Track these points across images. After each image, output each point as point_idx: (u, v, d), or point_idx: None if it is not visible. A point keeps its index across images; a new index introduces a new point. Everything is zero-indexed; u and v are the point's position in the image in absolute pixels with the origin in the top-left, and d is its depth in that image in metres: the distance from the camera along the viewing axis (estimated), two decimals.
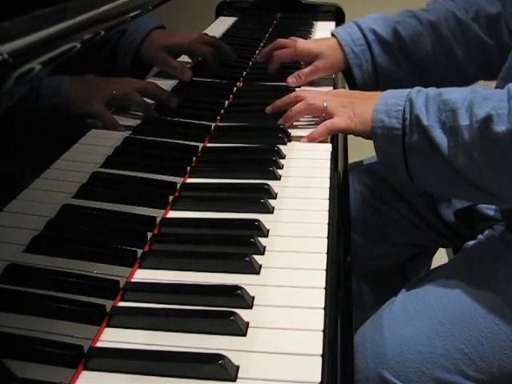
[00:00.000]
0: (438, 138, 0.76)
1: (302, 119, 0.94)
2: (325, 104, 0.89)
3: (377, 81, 1.11)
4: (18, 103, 0.50)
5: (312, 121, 0.94)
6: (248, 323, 0.53)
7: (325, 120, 0.88)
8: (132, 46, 0.83)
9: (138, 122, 0.83)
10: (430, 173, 0.80)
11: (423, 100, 0.79)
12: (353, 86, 1.13)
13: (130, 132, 0.80)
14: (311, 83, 1.12)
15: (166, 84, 0.96)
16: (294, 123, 0.93)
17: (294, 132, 0.91)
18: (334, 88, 1.12)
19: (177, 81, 0.99)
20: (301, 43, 1.12)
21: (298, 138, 0.90)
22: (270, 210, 0.71)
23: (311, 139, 0.88)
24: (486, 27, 1.06)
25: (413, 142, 0.78)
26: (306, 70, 1.10)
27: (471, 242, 0.92)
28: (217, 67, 1.10)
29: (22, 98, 0.51)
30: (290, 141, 0.89)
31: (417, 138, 0.78)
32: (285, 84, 1.11)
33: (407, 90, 0.82)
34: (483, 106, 0.73)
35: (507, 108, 0.71)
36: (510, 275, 0.82)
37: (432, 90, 0.81)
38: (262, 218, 0.68)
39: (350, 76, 1.12)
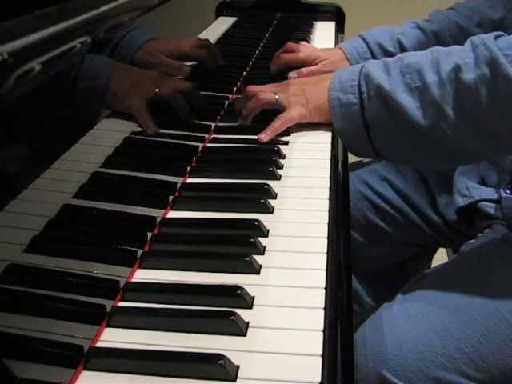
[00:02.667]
0: (403, 99, 0.74)
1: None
2: (276, 96, 0.87)
3: None
4: (18, 103, 0.50)
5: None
6: (248, 323, 0.53)
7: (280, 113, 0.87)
8: (126, 59, 0.82)
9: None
10: (396, 144, 0.79)
11: (381, 67, 0.78)
12: None
13: (130, 132, 0.80)
14: None
15: None
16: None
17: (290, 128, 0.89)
18: None
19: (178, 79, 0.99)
20: (308, 50, 1.13)
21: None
22: (269, 210, 0.71)
23: (267, 136, 0.86)
24: (490, 32, 1.06)
25: (373, 115, 0.77)
26: (313, 68, 1.11)
27: (471, 241, 0.92)
28: (215, 68, 1.09)
29: (23, 98, 0.51)
30: (282, 158, 0.84)
31: (376, 108, 0.77)
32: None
33: (360, 64, 0.82)
34: (449, 59, 0.73)
35: (473, 57, 0.71)
36: (510, 274, 0.82)
37: (388, 58, 0.80)
38: (262, 218, 0.68)
39: None
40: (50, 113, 0.58)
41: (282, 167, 0.81)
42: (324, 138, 0.89)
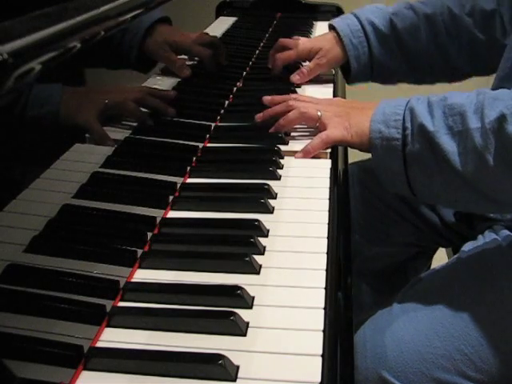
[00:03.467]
0: (445, 143, 0.72)
1: (294, 133, 0.91)
2: (319, 113, 0.85)
3: (371, 72, 1.12)
4: (18, 103, 0.50)
5: (306, 132, 0.91)
6: (248, 323, 0.53)
7: (319, 131, 0.85)
8: (136, 38, 0.81)
9: (128, 133, 0.78)
10: (433, 185, 0.76)
11: (425, 106, 0.76)
12: (347, 76, 1.14)
13: (130, 132, 0.80)
14: (312, 81, 1.12)
15: (168, 82, 0.96)
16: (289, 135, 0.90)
17: (286, 147, 0.87)
18: (334, 85, 1.12)
19: (178, 80, 0.99)
20: (301, 44, 1.13)
21: (292, 153, 0.85)
22: (270, 210, 0.71)
23: (306, 153, 0.84)
24: (480, 23, 1.06)
25: (415, 153, 0.75)
26: (310, 65, 1.11)
27: (471, 242, 0.92)
28: (214, 69, 1.09)
29: (20, 99, 0.51)
30: (282, 158, 0.84)
31: (419, 148, 0.74)
32: (284, 83, 1.12)
33: (405, 99, 0.79)
34: (494, 106, 0.70)
35: None
36: (510, 275, 0.82)
37: (434, 96, 0.77)
38: (262, 218, 0.68)
39: (345, 67, 1.13)
40: (39, 121, 0.58)
41: (282, 167, 0.81)
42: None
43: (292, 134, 0.91)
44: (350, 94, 1.14)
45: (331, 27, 1.13)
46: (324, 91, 1.10)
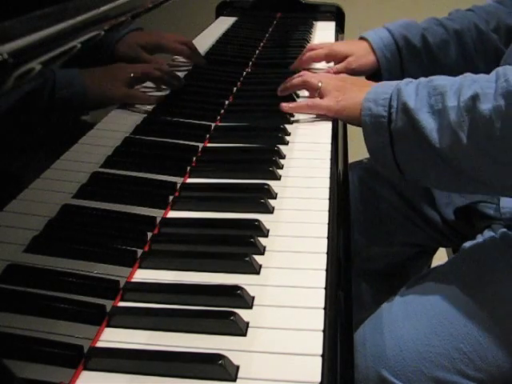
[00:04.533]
0: (424, 120, 0.75)
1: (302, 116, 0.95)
2: (320, 84, 0.91)
3: None
4: (18, 103, 0.50)
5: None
6: (248, 323, 0.53)
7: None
8: (109, 49, 0.81)
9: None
10: (415, 160, 0.79)
11: (413, 87, 0.79)
12: None
13: (130, 132, 0.80)
14: None
15: None
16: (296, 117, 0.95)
17: (286, 146, 0.88)
18: None
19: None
20: (334, 45, 1.14)
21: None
22: (270, 210, 0.71)
23: (289, 108, 0.92)
24: (505, 38, 1.09)
25: (399, 128, 0.78)
26: (338, 66, 1.11)
27: (470, 242, 0.92)
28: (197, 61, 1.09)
29: (22, 97, 0.51)
30: (282, 158, 0.84)
31: (402, 124, 0.78)
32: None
33: (396, 82, 0.83)
34: (471, 87, 0.73)
35: (494, 88, 0.71)
36: (509, 274, 0.82)
37: (423, 78, 0.81)
38: (262, 218, 0.68)
39: (375, 79, 1.13)
40: (50, 113, 0.58)
41: (282, 167, 0.81)
42: (324, 138, 0.89)
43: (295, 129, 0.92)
44: None
45: (362, 39, 1.13)
46: None
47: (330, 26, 1.56)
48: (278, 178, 0.78)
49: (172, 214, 0.71)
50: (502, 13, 1.11)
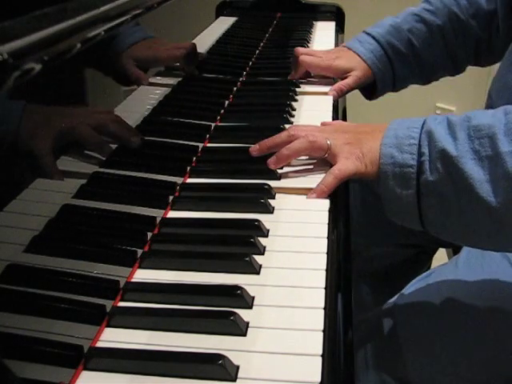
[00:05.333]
0: (471, 170, 0.63)
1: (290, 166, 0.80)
2: (328, 142, 0.75)
3: (393, 89, 1.14)
4: (18, 102, 0.50)
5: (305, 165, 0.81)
6: (248, 323, 0.53)
7: (330, 165, 0.76)
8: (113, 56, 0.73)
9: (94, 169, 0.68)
10: (450, 219, 0.67)
11: (445, 128, 0.67)
12: (367, 94, 1.15)
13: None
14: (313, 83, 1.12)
15: (168, 82, 0.96)
16: (285, 170, 0.79)
17: (280, 182, 0.77)
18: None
19: (178, 80, 0.99)
20: (330, 60, 1.11)
21: (288, 190, 0.75)
22: (269, 210, 0.71)
23: (321, 193, 0.73)
24: (483, 23, 1.10)
25: (431, 181, 0.66)
26: (348, 81, 1.09)
27: None
28: (191, 70, 1.03)
29: (22, 96, 0.51)
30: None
31: (438, 175, 0.65)
32: (284, 80, 1.12)
33: (420, 119, 0.71)
34: None
35: None
36: (510, 274, 0.82)
37: (454, 116, 0.69)
38: (262, 218, 0.68)
39: (366, 90, 1.14)
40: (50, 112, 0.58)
41: (281, 167, 0.81)
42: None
43: (286, 169, 0.80)
44: (349, 96, 1.13)
45: (350, 49, 1.12)
46: (325, 91, 1.10)
47: (330, 25, 1.57)
48: (277, 178, 0.78)
49: (172, 214, 0.71)
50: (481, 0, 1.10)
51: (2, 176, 0.50)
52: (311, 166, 0.80)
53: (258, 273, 0.60)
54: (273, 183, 0.76)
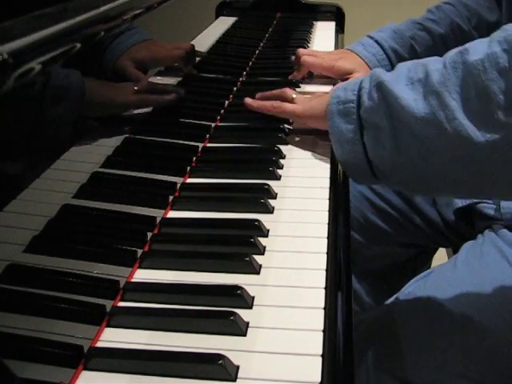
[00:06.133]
0: (401, 91, 0.66)
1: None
2: (293, 95, 0.89)
3: None
4: (18, 103, 0.50)
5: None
6: (248, 323, 0.53)
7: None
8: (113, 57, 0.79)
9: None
10: (388, 149, 0.68)
11: (391, 70, 0.73)
12: None
13: (130, 132, 0.80)
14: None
15: (168, 82, 0.96)
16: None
17: (286, 146, 0.87)
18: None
19: (178, 79, 0.99)
20: (333, 60, 1.10)
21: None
22: (270, 210, 0.71)
23: (249, 103, 0.91)
24: (486, 35, 1.08)
25: (368, 110, 0.69)
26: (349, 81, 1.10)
27: (471, 242, 0.92)
28: (190, 70, 1.03)
29: (23, 96, 0.51)
30: (282, 158, 0.84)
31: (373, 104, 0.69)
32: (284, 80, 1.12)
33: None
34: (456, 50, 0.66)
35: (487, 40, 0.63)
36: (510, 275, 0.82)
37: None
38: (262, 218, 0.68)
39: None
40: (50, 112, 0.58)
41: (281, 167, 0.81)
42: (324, 138, 0.89)
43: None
44: None
45: (352, 52, 1.11)
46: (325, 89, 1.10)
47: (330, 25, 1.57)
48: (277, 178, 0.78)
49: (172, 214, 0.71)
50: (482, 8, 1.10)
51: (2, 176, 0.50)
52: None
53: (258, 273, 0.60)
54: (272, 183, 0.76)
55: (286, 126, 0.92)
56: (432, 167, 0.66)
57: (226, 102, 1.02)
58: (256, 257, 0.62)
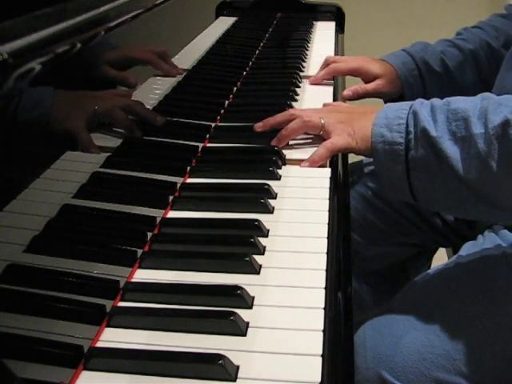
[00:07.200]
0: (448, 149, 0.71)
1: (295, 140, 0.88)
2: (322, 121, 0.83)
3: None
4: (18, 103, 0.50)
5: (307, 140, 0.88)
6: (248, 323, 0.53)
7: (323, 139, 0.83)
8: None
9: (119, 142, 0.76)
10: (436, 190, 0.74)
11: (428, 111, 0.75)
12: None
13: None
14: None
15: (168, 83, 0.96)
16: (290, 142, 0.87)
17: (289, 154, 0.84)
18: (334, 91, 1.12)
19: (178, 80, 0.99)
20: (361, 60, 1.12)
21: (295, 162, 0.83)
22: (270, 210, 0.71)
23: (313, 163, 0.81)
24: None
25: (418, 157, 0.73)
26: (367, 86, 1.10)
27: (471, 242, 0.92)
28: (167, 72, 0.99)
29: (23, 97, 0.51)
30: (284, 164, 0.82)
31: (422, 152, 0.73)
32: (284, 80, 1.12)
33: (408, 103, 0.78)
34: (498, 111, 0.69)
35: None
36: (509, 275, 0.82)
37: (437, 101, 0.76)
38: (262, 218, 0.68)
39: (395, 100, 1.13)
40: (30, 125, 0.57)
41: (281, 167, 0.81)
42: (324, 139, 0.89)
43: (291, 142, 0.87)
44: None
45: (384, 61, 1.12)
46: (325, 89, 1.10)
47: (330, 25, 1.57)
48: (277, 178, 0.78)
49: (172, 214, 0.71)
50: (509, 27, 1.11)
51: (2, 176, 0.50)
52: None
53: (258, 273, 0.60)
54: (272, 183, 0.76)
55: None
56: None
57: (226, 102, 1.02)
58: (256, 257, 0.62)
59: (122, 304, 0.56)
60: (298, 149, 0.87)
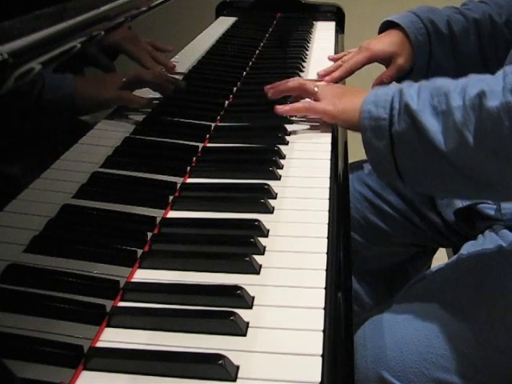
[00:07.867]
0: (427, 122, 0.72)
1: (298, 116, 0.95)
2: (316, 89, 0.91)
3: (427, 73, 1.12)
4: (18, 102, 0.50)
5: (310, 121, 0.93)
6: (248, 323, 0.53)
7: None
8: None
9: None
10: (418, 166, 0.76)
11: (415, 89, 0.76)
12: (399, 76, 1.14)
13: (130, 132, 0.80)
14: None
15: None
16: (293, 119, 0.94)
17: (286, 146, 0.88)
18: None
19: (178, 79, 0.99)
20: (373, 45, 1.11)
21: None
22: (270, 210, 0.71)
23: (283, 111, 0.91)
24: None
25: (400, 131, 0.75)
26: (389, 72, 1.10)
27: (471, 242, 0.92)
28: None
29: (22, 97, 0.51)
30: (282, 158, 0.84)
31: (404, 126, 0.74)
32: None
33: (398, 84, 0.81)
34: (477, 85, 0.70)
35: (502, 85, 0.68)
36: (510, 275, 0.82)
37: (425, 81, 0.78)
38: (262, 218, 0.68)
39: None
40: (50, 112, 0.58)
41: (281, 167, 0.81)
42: (324, 139, 0.89)
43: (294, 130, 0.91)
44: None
45: (391, 24, 1.12)
46: None
47: (330, 25, 1.57)
48: (278, 178, 0.78)
49: (172, 214, 0.71)
50: None
51: (2, 176, 0.50)
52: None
53: (258, 273, 0.60)
54: (272, 183, 0.76)
55: (286, 125, 0.92)
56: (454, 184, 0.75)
57: (226, 102, 1.02)
58: (256, 257, 0.62)
59: (122, 304, 0.56)
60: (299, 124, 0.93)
